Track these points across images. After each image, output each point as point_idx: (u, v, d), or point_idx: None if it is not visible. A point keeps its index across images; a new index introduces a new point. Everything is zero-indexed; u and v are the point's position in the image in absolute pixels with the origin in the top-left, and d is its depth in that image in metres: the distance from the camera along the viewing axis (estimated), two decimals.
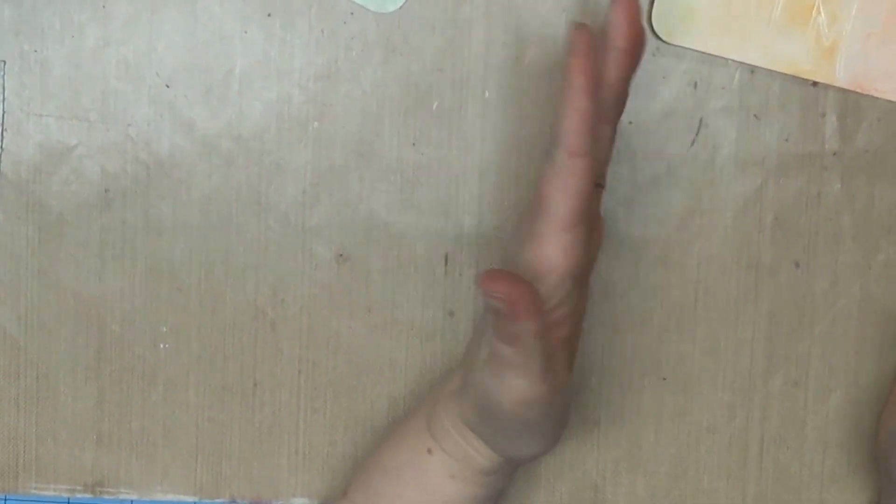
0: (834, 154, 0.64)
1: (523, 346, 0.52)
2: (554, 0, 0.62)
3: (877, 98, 0.63)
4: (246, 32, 0.63)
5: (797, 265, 0.64)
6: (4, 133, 0.63)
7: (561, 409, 0.56)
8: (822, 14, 0.62)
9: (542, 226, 0.54)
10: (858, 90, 0.63)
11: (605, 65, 0.55)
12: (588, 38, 0.53)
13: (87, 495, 0.64)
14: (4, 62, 0.62)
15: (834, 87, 0.63)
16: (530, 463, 0.62)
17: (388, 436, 0.61)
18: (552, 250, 0.54)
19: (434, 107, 0.63)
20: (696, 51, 0.62)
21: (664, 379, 0.65)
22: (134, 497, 0.64)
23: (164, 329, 0.64)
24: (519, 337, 0.52)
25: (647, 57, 0.62)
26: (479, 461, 0.58)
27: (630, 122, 0.63)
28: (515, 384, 0.54)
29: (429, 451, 0.58)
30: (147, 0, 0.62)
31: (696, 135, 0.63)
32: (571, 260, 0.54)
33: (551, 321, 0.54)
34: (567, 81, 0.53)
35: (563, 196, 0.53)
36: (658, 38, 0.62)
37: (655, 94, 0.63)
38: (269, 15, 0.62)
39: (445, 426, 0.58)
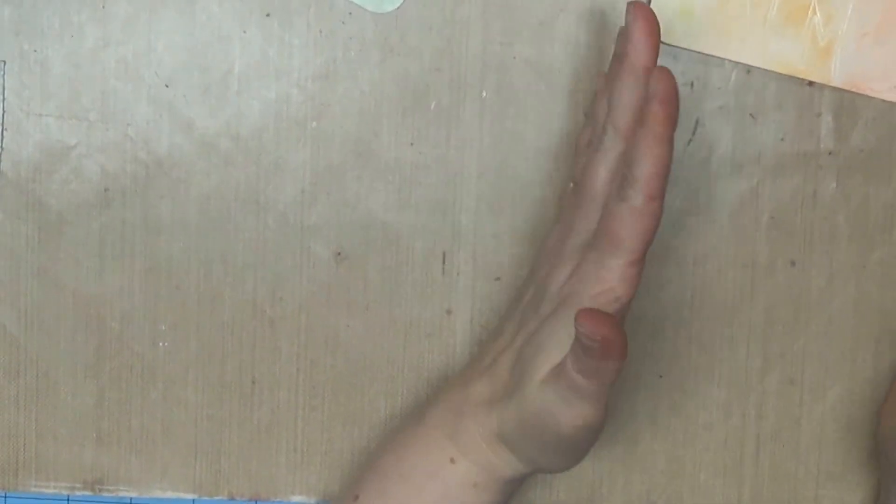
0: (829, 153, 0.64)
1: (600, 380, 0.53)
2: (551, 0, 0.63)
3: (872, 98, 0.63)
4: (244, 32, 0.63)
5: (793, 264, 0.64)
6: (4, 132, 0.63)
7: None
8: (818, 14, 0.62)
9: (610, 260, 0.55)
10: (854, 90, 0.63)
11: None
12: (674, 83, 0.53)
13: (87, 493, 0.65)
14: (4, 62, 0.62)
15: (829, 86, 0.63)
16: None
17: (400, 441, 0.60)
18: (619, 284, 0.55)
19: (432, 106, 0.63)
20: (693, 51, 0.63)
21: (660, 376, 0.65)
22: (133, 494, 0.65)
23: (163, 327, 0.64)
24: (600, 372, 0.53)
25: None
26: (506, 471, 0.58)
27: None
28: (582, 411, 0.55)
29: (451, 460, 0.58)
30: (146, 0, 0.62)
31: (693, 134, 0.63)
32: (633, 291, 0.55)
33: None
34: (648, 128, 0.53)
35: (637, 235, 0.54)
36: None
37: None
38: (267, 15, 0.63)
39: (474, 437, 0.58)
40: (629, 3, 0.56)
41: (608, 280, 0.55)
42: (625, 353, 0.52)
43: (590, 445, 0.57)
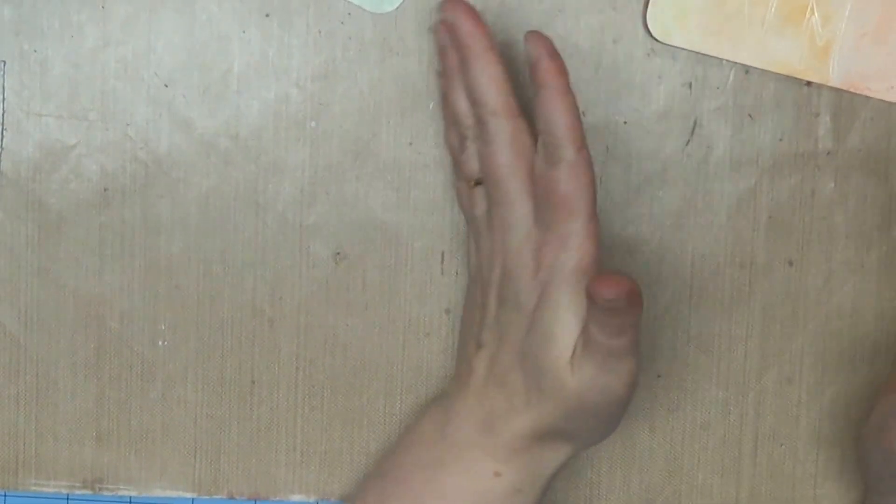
0: (827, 153, 0.64)
1: (631, 332, 0.55)
2: (549, 1, 0.63)
3: (870, 97, 0.63)
4: (244, 32, 0.63)
5: (791, 263, 0.65)
6: (4, 132, 0.63)
7: None
8: (816, 14, 0.62)
9: (571, 226, 0.56)
10: (852, 90, 0.63)
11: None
12: (549, 41, 0.55)
13: (87, 492, 0.65)
14: (4, 62, 0.63)
15: (827, 86, 0.63)
16: None
17: (427, 461, 0.59)
18: (588, 244, 0.56)
19: (430, 106, 0.63)
20: (691, 51, 0.63)
21: (658, 376, 0.65)
22: (133, 493, 0.65)
23: (163, 327, 0.64)
24: (627, 326, 0.54)
25: (641, 57, 0.63)
26: (551, 466, 0.59)
27: (625, 123, 0.63)
28: (629, 367, 0.56)
29: (496, 473, 0.58)
30: (146, 0, 0.62)
31: (691, 135, 0.63)
32: (600, 247, 0.56)
33: None
34: (545, 86, 0.55)
35: (583, 189, 0.56)
36: (653, 38, 0.62)
37: (650, 94, 0.63)
38: (266, 15, 0.63)
39: (514, 447, 0.58)
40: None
41: (577, 246, 0.56)
42: (641, 300, 0.54)
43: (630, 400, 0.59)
